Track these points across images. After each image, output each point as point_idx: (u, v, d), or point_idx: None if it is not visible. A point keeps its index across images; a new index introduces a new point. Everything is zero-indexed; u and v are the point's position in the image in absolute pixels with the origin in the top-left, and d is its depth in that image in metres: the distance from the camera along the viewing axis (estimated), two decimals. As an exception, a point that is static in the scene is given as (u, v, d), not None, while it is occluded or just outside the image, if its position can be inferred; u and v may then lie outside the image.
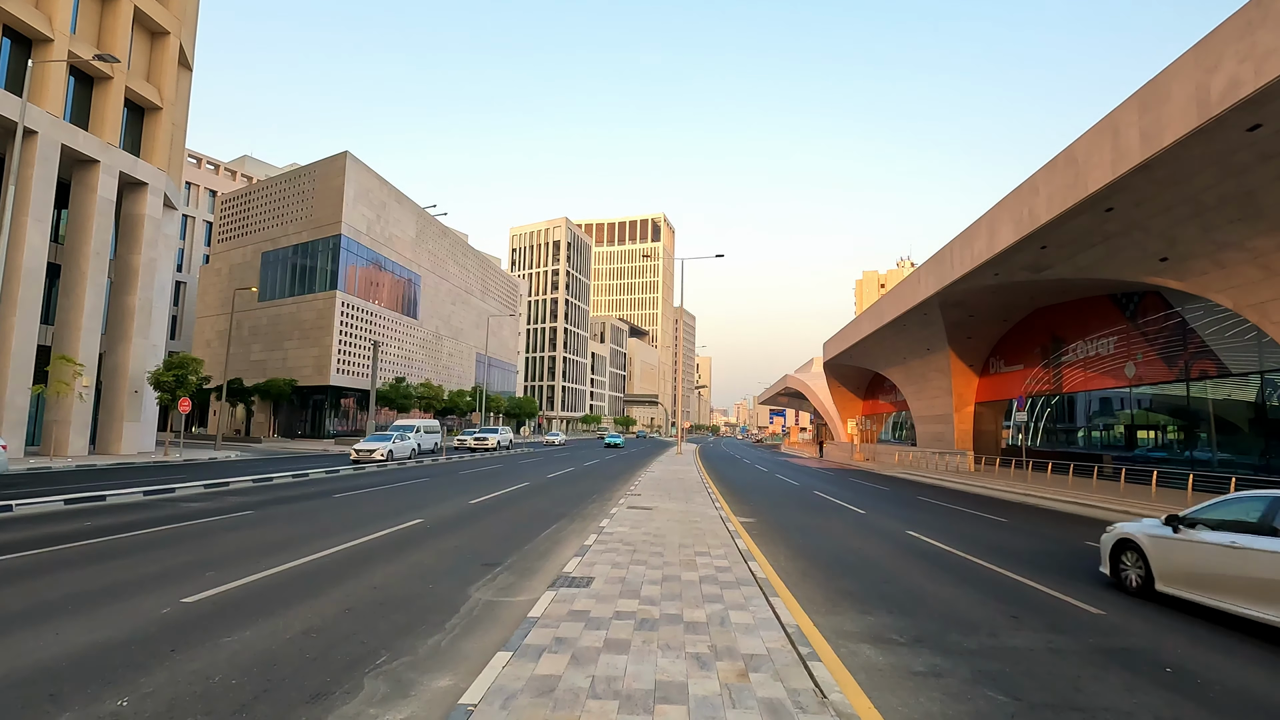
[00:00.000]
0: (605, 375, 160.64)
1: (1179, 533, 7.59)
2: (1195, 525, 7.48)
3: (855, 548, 10.94)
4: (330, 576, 7.57)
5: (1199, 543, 7.27)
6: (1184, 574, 7.44)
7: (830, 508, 17.02)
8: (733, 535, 10.74)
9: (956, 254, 26.99)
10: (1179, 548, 7.57)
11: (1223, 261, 17.44)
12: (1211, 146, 14.06)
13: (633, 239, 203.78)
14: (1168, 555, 7.70)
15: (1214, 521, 7.31)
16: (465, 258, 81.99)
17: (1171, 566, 7.62)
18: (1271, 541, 6.44)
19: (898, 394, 51.47)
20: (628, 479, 22.95)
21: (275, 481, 18.94)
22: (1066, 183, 18.43)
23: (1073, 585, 8.46)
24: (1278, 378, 19.41)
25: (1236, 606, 6.66)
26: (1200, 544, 7.24)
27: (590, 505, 15.36)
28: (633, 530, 10.81)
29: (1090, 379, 28.36)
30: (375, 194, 61.43)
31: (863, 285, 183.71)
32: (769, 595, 6.72)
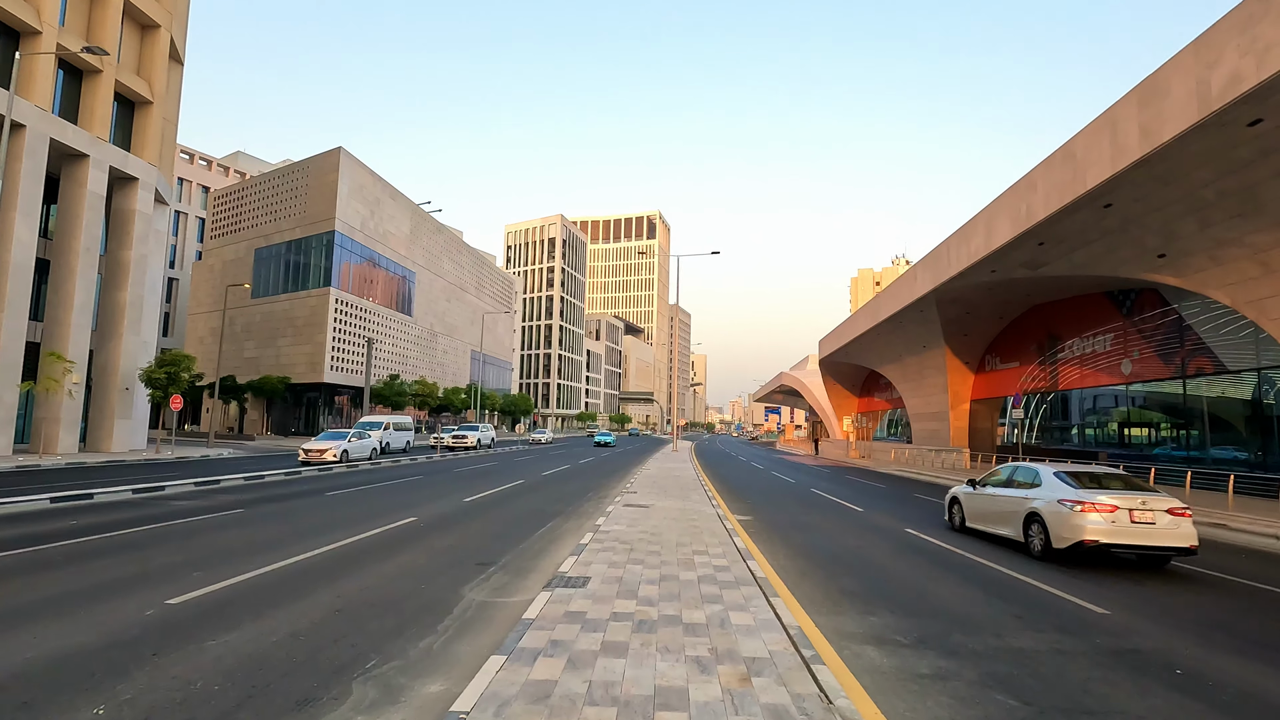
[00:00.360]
0: (601, 373, 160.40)
1: (974, 490, 12.57)
2: (984, 485, 12.44)
3: (854, 546, 10.81)
4: (320, 576, 7.40)
5: (981, 494, 12.34)
6: (976, 514, 12.40)
7: (827, 505, 16.91)
8: (730, 533, 10.60)
9: (953, 251, 26.90)
10: (974, 498, 12.56)
11: (1221, 258, 17.37)
12: (1212, 141, 13.96)
13: (628, 236, 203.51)
14: (970, 504, 12.67)
15: (989, 482, 12.37)
16: (460, 254, 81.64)
17: (972, 511, 12.59)
18: (1008, 490, 11.54)
19: (893, 391, 51.45)
20: (624, 476, 22.81)
21: (267, 479, 18.72)
22: (1065, 179, 18.33)
23: (1075, 584, 8.35)
24: (1274, 375, 19.38)
25: (990, 529, 11.84)
26: (980, 495, 12.35)
27: (586, 503, 15.21)
28: (629, 529, 10.66)
29: (1086, 376, 28.33)
30: (369, 190, 61.04)
31: (858, 283, 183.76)
32: (769, 595, 6.58)
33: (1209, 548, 12.03)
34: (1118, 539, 9.43)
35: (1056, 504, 10.05)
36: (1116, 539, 9.43)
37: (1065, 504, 9.87)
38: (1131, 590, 8.21)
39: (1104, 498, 9.71)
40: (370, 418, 35.82)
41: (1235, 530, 13.61)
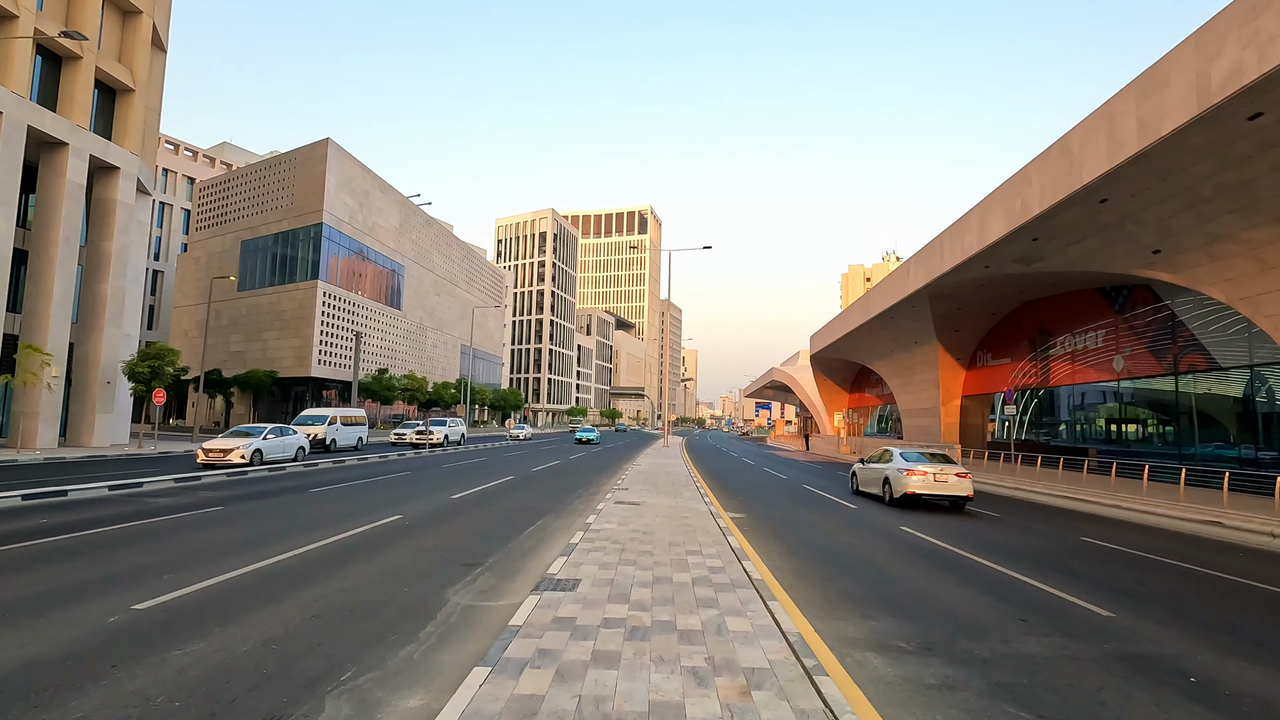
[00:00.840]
0: (591, 368, 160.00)
1: (863, 465, 18.51)
2: (867, 462, 18.14)
3: (850, 544, 10.60)
4: (298, 579, 7.09)
5: (865, 468, 18.16)
6: (863, 480, 18.29)
7: (821, 502, 16.71)
8: (724, 532, 10.36)
9: (947, 246, 26.76)
10: (862, 470, 18.50)
11: (1217, 254, 17.28)
12: (1210, 136, 13.81)
13: (620, 231, 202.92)
14: (860, 474, 18.62)
15: (869, 460, 18.13)
16: (450, 248, 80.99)
17: (861, 479, 18.48)
18: (878, 464, 17.03)
19: (884, 387, 51.44)
20: (615, 473, 22.55)
21: (250, 475, 18.33)
22: (1061, 173, 18.17)
23: (1076, 585, 8.16)
24: (1267, 371, 19.35)
25: (868, 489, 17.58)
26: (865, 468, 18.24)
27: (577, 500, 14.93)
28: (621, 527, 10.40)
29: (1078, 372, 28.31)
30: (357, 182, 60.33)
31: (848, 279, 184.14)
32: (766, 599, 6.33)
33: (1206, 546, 11.92)
34: (926, 490, 15.48)
35: (897, 471, 16.01)
36: (926, 490, 15.47)
37: (901, 471, 15.83)
38: (1134, 592, 8.03)
39: (920, 466, 15.72)
40: (314, 411, 31.49)
41: (1230, 528, 13.51)
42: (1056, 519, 15.11)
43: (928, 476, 15.34)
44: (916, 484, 15.30)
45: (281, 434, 22.87)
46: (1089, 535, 12.66)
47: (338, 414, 31.21)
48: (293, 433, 23.73)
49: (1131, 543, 11.97)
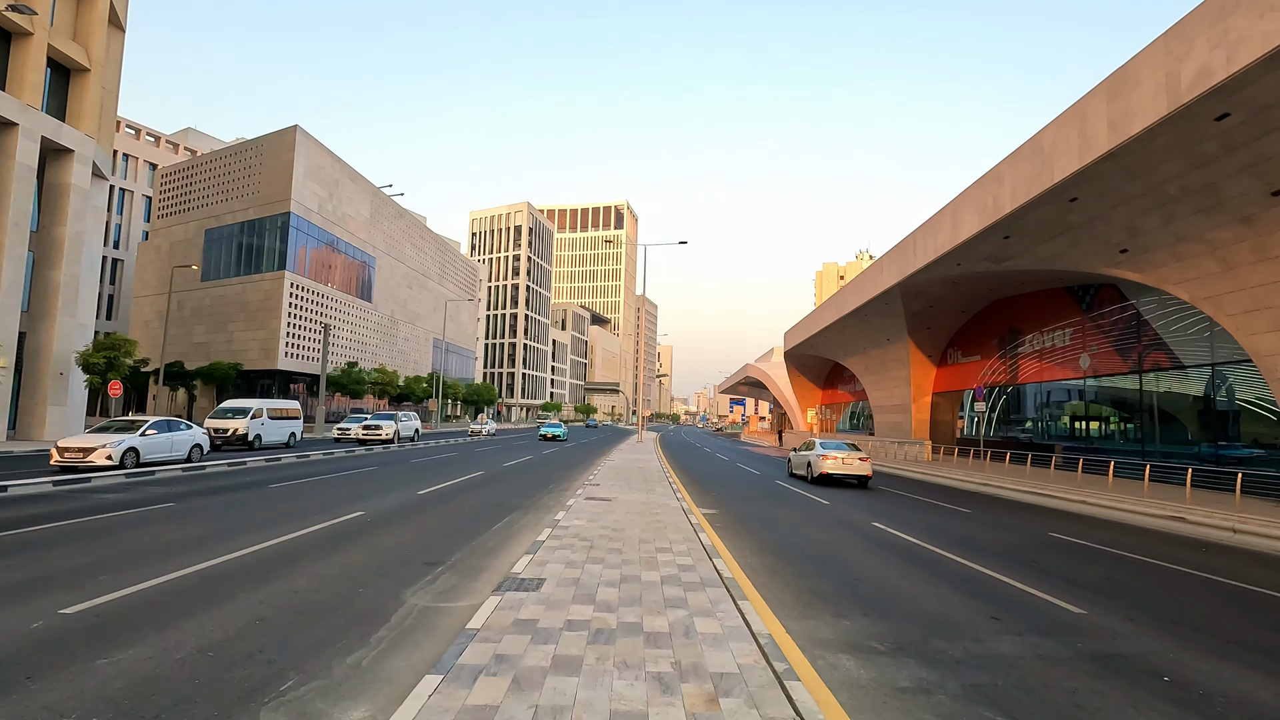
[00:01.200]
0: (566, 363, 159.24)
1: (794, 453, 23.38)
2: (798, 450, 22.97)
3: (822, 541, 10.49)
4: (246, 580, 6.72)
5: (795, 455, 23.32)
6: (794, 465, 23.15)
7: (792, 498, 16.64)
8: (695, 529, 10.17)
9: (919, 243, 26.91)
10: (794, 457, 23.43)
11: (1181, 254, 17.54)
12: (1178, 135, 13.95)
13: (595, 226, 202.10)
14: (793, 460, 23.56)
15: (799, 449, 23.05)
16: (422, 240, 79.76)
17: (792, 464, 23.43)
18: (805, 452, 21.94)
19: (856, 384, 51.85)
20: (587, 468, 22.29)
21: (209, 470, 17.70)
22: (1032, 171, 18.30)
23: (1047, 581, 8.13)
24: (1227, 370, 19.74)
25: (798, 472, 22.43)
26: (795, 455, 23.36)
27: (547, 496, 14.64)
28: (590, 524, 10.15)
29: (1046, 370, 28.72)
30: (327, 171, 59.00)
31: (823, 276, 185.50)
32: (737, 599, 6.14)
33: (1170, 541, 12.06)
34: (837, 470, 20.02)
35: (817, 457, 20.54)
36: (836, 470, 20.02)
37: (819, 457, 20.41)
38: (1103, 588, 8.01)
39: (833, 453, 20.47)
40: (236, 402, 27.33)
41: (1192, 523, 13.71)
42: (1025, 514, 15.22)
43: (838, 460, 20.15)
44: (830, 466, 20.05)
45: (170, 429, 19.01)
46: (1057, 531, 12.74)
47: (264, 406, 27.12)
48: (185, 428, 19.78)
49: (1098, 538, 12.06)
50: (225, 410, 26.40)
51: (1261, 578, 9.09)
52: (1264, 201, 14.52)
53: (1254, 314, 16.32)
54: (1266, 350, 16.19)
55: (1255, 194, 14.53)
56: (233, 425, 25.21)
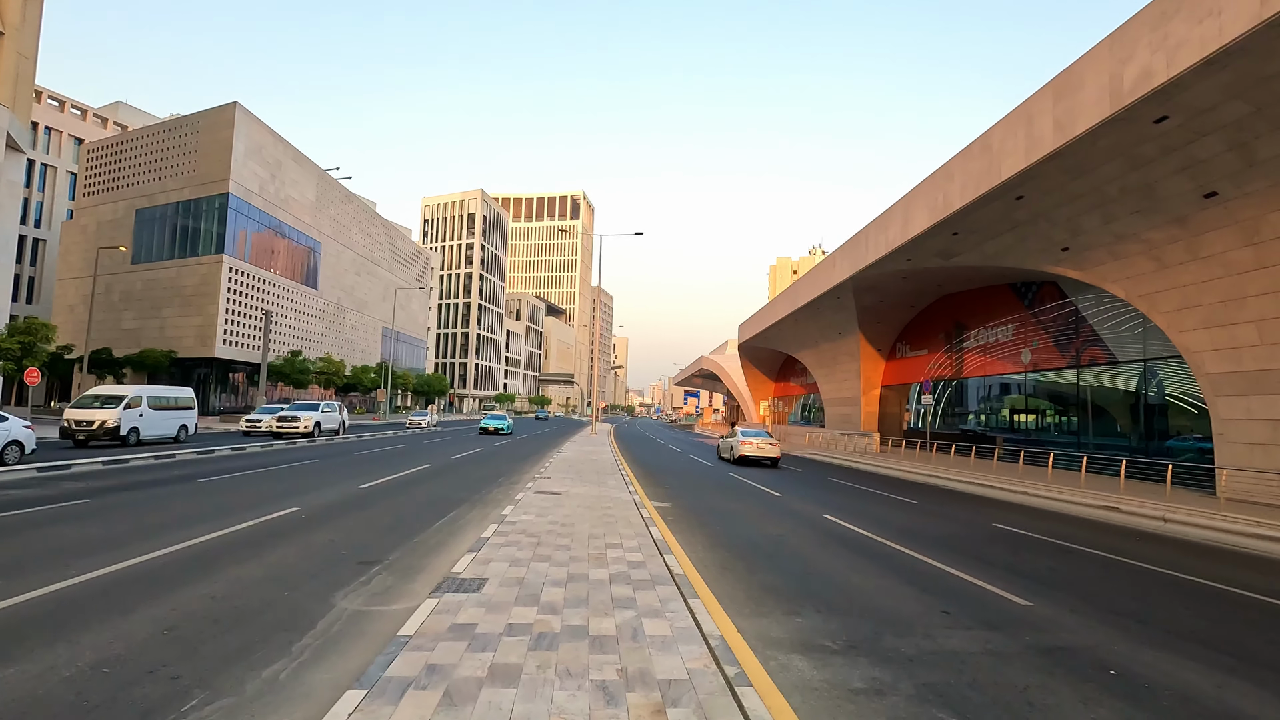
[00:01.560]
0: (521, 354, 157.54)
1: (721, 439, 29.16)
2: (724, 438, 28.02)
3: (774, 534, 10.41)
4: (161, 583, 6.19)
5: (722, 440, 27.87)
6: (722, 449, 27.53)
7: (745, 490, 16.63)
8: (647, 523, 9.96)
9: (872, 238, 27.27)
10: (722, 442, 27.99)
11: (1119, 253, 18.14)
12: (1120, 137, 14.34)
13: (551, 215, 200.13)
14: (721, 445, 28.20)
15: (725, 436, 28.31)
16: (371, 226, 77.40)
17: (721, 449, 27.81)
18: (730, 438, 26.24)
19: (808, 376, 52.61)
20: (539, 461, 21.89)
21: (132, 463, 16.66)
22: (981, 169, 18.63)
23: (993, 573, 8.19)
24: (1158, 365, 20.57)
25: (725, 455, 26.70)
26: (722, 441, 27.95)
27: (496, 489, 14.23)
28: (538, 519, 9.83)
29: (989, 364, 29.54)
30: (269, 151, 56.56)
31: (776, 270, 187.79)
32: (688, 597, 5.93)
33: (1106, 530, 12.42)
34: (752, 453, 24.13)
35: (737, 442, 24.70)
36: (752, 453, 24.13)
37: (739, 442, 24.57)
38: (1047, 578, 8.11)
39: (749, 439, 24.80)
40: (107, 389, 22.33)
41: (1126, 513, 14.19)
42: (970, 505, 15.53)
43: (753, 445, 24.58)
44: (746, 449, 24.46)
45: None
46: (1000, 522, 12.99)
47: (143, 393, 22.29)
48: None
49: (1040, 528, 12.34)
50: (93, 398, 21.44)
51: (1191, 565, 9.39)
52: (1197, 203, 15.07)
53: (1184, 311, 16.99)
54: (1195, 347, 16.88)
55: (1189, 196, 15.06)
56: (100, 416, 20.51)
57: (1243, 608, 7.24)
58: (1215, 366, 16.37)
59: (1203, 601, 7.44)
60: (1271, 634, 6.30)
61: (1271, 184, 13.51)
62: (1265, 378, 15.18)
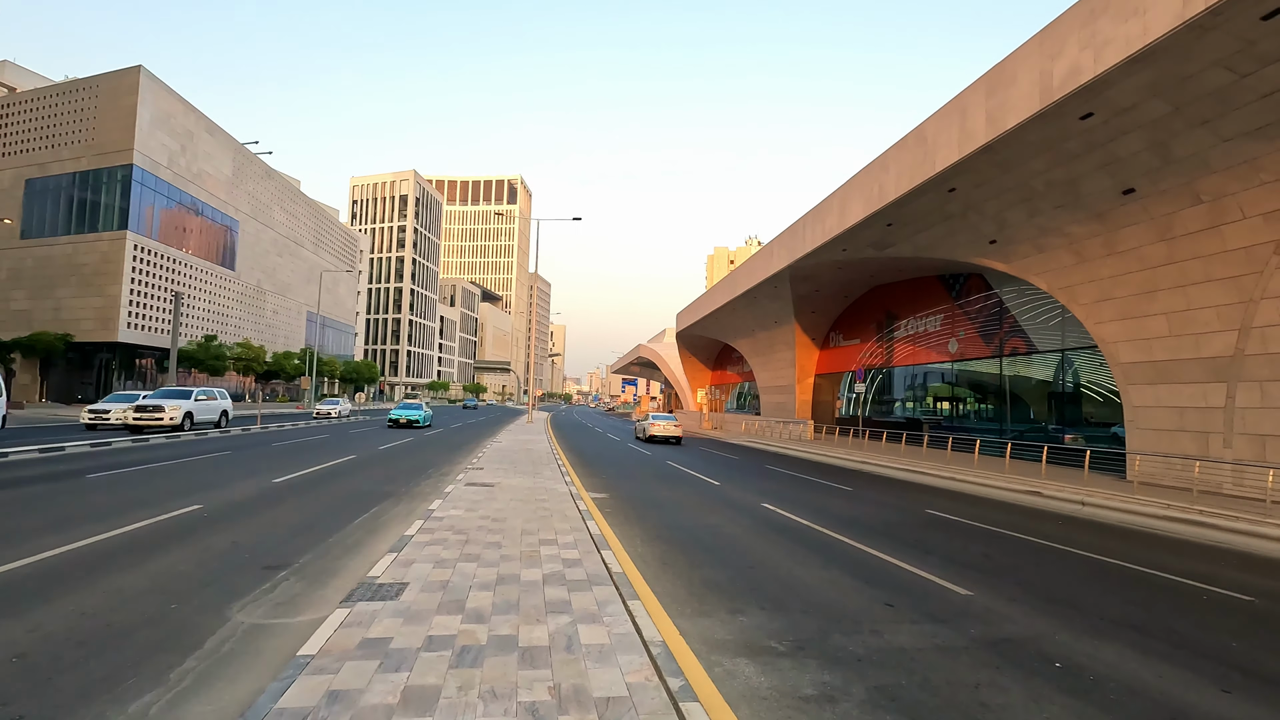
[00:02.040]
0: (455, 340, 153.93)
1: (636, 422, 36.35)
2: (638, 421, 35.76)
3: (714, 525, 10.18)
4: (20, 599, 5.36)
5: (636, 423, 35.50)
6: (637, 430, 32.83)
7: (683, 479, 16.43)
8: (584, 516, 9.54)
9: (809, 228, 27.51)
10: (636, 424, 34.63)
11: (1043, 246, 18.78)
12: (1048, 132, 14.71)
13: (488, 200, 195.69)
14: (636, 426, 34.19)
15: (639, 420, 36.25)
16: (295, 204, 73.53)
17: (636, 430, 33.34)
18: (642, 421, 32.98)
19: (744, 365, 53.20)
20: (472, 451, 21.13)
21: (11, 458, 15.04)
22: (916, 160, 18.91)
23: (932, 561, 8.17)
24: (1074, 355, 21.51)
25: (641, 435, 31.47)
26: (636, 423, 34.70)
27: (425, 481, 13.51)
28: (468, 513, 9.27)
29: (919, 353, 30.40)
30: (179, 120, 52.71)
31: (714, 260, 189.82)
32: (627, 598, 5.56)
33: (1031, 515, 12.78)
34: (659, 433, 29.53)
35: (648, 424, 30.16)
36: (659, 433, 29.54)
37: (649, 424, 30.00)
38: (983, 565, 8.16)
39: (657, 421, 30.32)
40: None
41: (1047, 497, 14.71)
42: (902, 492, 15.79)
43: (660, 426, 29.87)
44: (654, 430, 29.67)
45: None
46: (934, 508, 13.20)
47: None
48: None
49: (970, 514, 12.59)
50: None
51: (1114, 548, 9.68)
52: (1116, 199, 15.67)
53: (1101, 304, 17.74)
54: (1110, 338, 17.67)
55: (1109, 192, 15.64)
56: None
57: (1167, 592, 7.42)
58: (1128, 356, 17.17)
59: (1129, 586, 7.60)
60: (1198, 617, 6.44)
61: (1184, 182, 14.14)
62: (1172, 367, 16.00)
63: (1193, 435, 15.56)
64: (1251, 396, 14.24)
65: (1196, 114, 12.69)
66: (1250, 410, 14.28)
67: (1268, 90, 11.59)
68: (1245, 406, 14.38)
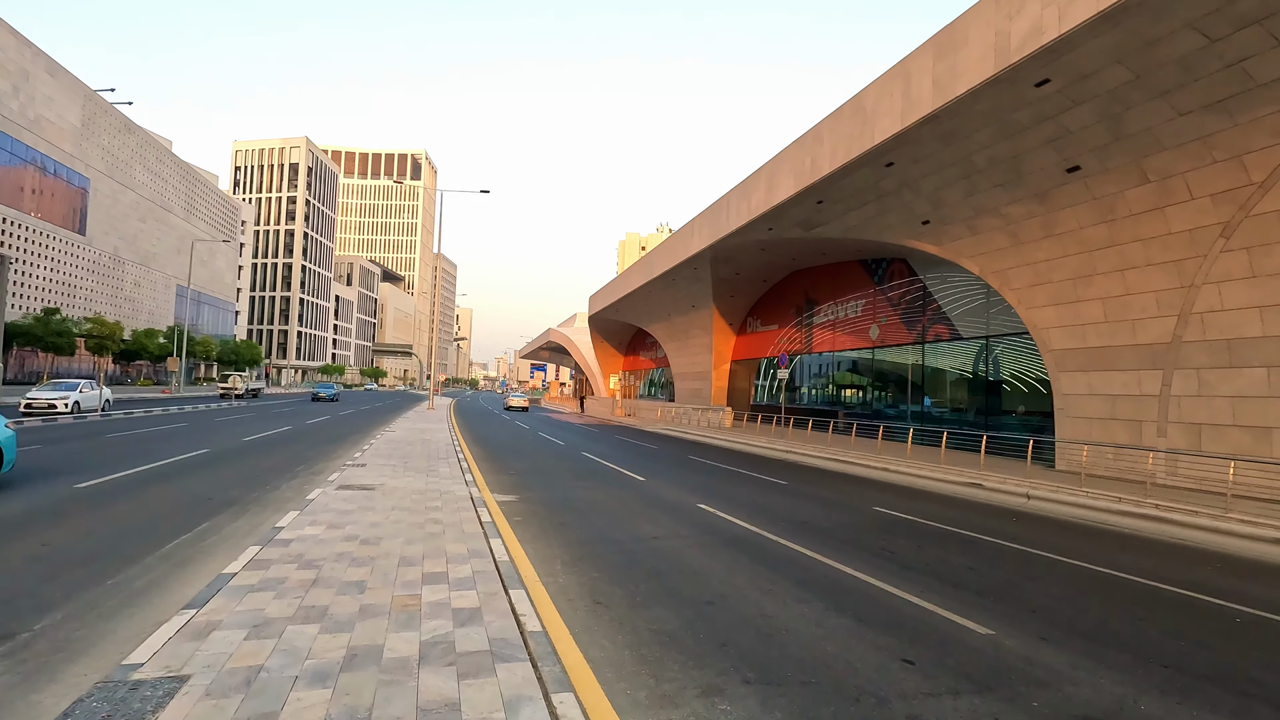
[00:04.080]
0: (352, 322, 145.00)
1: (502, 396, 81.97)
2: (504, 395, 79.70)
3: (649, 536, 8.35)
4: None
5: (503, 397, 78.34)
6: (503, 405, 55.12)
7: (604, 474, 14.56)
8: (487, 531, 7.47)
9: (734, 206, 26.15)
10: (502, 396, 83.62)
11: (978, 227, 18.10)
12: (998, 100, 13.72)
13: (390, 174, 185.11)
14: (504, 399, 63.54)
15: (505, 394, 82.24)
16: (162, 165, 65.55)
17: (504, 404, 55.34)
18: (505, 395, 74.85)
19: (658, 350, 51.91)
20: (357, 442, 18.39)
21: None
22: (853, 132, 17.73)
23: (914, 578, 6.71)
24: (996, 343, 21.23)
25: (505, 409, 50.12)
26: (502, 396, 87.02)
27: (286, 484, 10.91)
28: (329, 532, 6.97)
29: (839, 339, 29.85)
30: (10, 55, 45.09)
31: (625, 246, 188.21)
32: (550, 687, 3.59)
33: (984, 511, 11.79)
34: (516, 404, 49.15)
35: (509, 399, 51.83)
36: (516, 404, 49.18)
37: (509, 400, 50.88)
38: (973, 583, 6.76)
39: (514, 397, 51.26)
40: None
41: (990, 490, 13.88)
42: (840, 486, 14.61)
43: (515, 400, 48.74)
44: (513, 402, 47.47)
45: None
46: (879, 505, 11.98)
47: None
48: None
49: (920, 510, 11.44)
50: None
51: (1093, 553, 8.61)
52: (1059, 177, 14.98)
53: (1035, 288, 17.24)
54: (1042, 323, 17.21)
55: (1052, 170, 14.93)
56: None
57: (1194, 613, 6.25)
58: (1060, 343, 16.74)
59: (1156, 608, 6.38)
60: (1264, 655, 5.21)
61: (1132, 160, 13.53)
62: (1106, 354, 15.61)
63: (1125, 424, 15.22)
64: (1188, 384, 13.92)
65: (1157, 84, 11.95)
66: (1186, 398, 13.98)
67: (1235, 58, 10.90)
68: (1180, 394, 14.06)
